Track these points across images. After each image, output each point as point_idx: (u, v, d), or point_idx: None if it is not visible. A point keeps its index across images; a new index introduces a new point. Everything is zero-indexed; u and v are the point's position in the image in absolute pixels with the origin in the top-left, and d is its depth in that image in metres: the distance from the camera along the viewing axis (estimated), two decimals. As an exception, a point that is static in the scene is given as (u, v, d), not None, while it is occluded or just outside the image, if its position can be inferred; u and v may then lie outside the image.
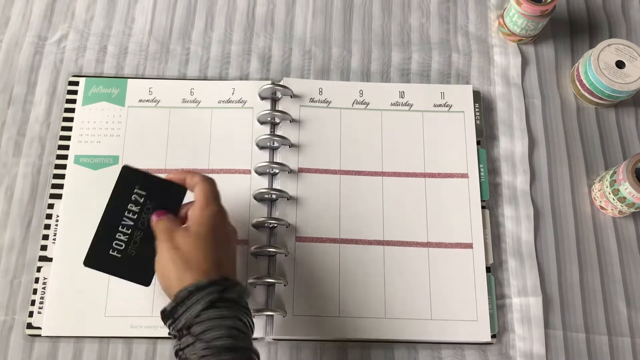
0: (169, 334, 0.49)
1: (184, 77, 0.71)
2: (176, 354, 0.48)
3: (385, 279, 0.62)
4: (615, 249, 0.66)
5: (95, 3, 0.74)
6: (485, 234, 0.64)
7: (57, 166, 0.65)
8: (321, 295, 0.61)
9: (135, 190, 0.54)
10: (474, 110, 0.69)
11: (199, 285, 0.48)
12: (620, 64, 0.67)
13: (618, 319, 0.63)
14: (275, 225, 0.63)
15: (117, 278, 0.53)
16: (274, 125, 0.68)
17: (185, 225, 0.53)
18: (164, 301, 0.49)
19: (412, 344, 0.61)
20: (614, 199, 0.63)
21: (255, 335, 0.59)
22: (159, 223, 0.53)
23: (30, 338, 0.60)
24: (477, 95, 0.70)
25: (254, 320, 0.59)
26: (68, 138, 0.67)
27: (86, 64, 0.71)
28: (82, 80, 0.69)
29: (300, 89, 0.69)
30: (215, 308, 0.48)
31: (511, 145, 0.69)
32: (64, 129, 0.67)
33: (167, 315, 0.49)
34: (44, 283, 0.61)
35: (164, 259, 0.51)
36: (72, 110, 0.68)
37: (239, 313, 0.49)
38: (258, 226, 0.63)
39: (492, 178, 0.68)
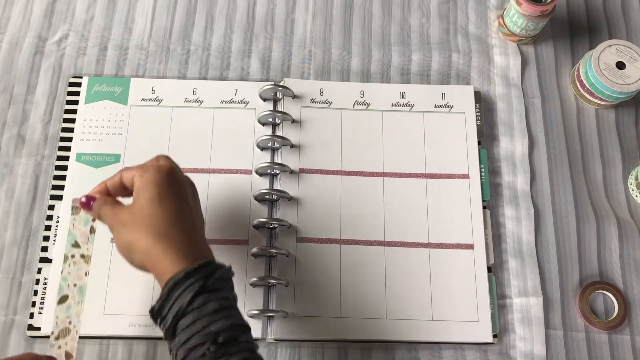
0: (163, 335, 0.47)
1: (184, 78, 0.71)
2: (170, 352, 0.46)
3: (386, 279, 0.62)
4: (616, 249, 0.66)
5: (95, 3, 0.74)
6: (486, 235, 0.64)
7: (58, 167, 0.65)
8: (322, 295, 0.61)
9: None
10: (475, 110, 0.69)
11: (177, 279, 0.45)
12: (620, 65, 0.68)
13: (618, 319, 0.63)
14: (276, 226, 0.63)
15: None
16: (275, 126, 0.68)
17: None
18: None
19: (413, 344, 0.61)
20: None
21: (255, 335, 0.60)
22: (98, 211, 0.52)
23: (30, 339, 0.59)
24: (477, 95, 0.70)
25: (255, 321, 0.59)
26: (70, 138, 0.67)
27: (86, 64, 0.71)
28: (85, 78, 0.69)
29: (301, 89, 0.69)
30: (202, 295, 0.45)
31: (511, 145, 0.69)
32: (65, 129, 0.67)
33: (155, 315, 0.47)
34: (45, 284, 0.61)
35: (119, 243, 0.49)
36: (74, 112, 0.68)
37: (224, 293, 0.47)
38: (259, 227, 0.63)
39: (493, 178, 0.68)
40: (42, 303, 0.60)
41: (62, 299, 0.54)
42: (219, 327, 0.44)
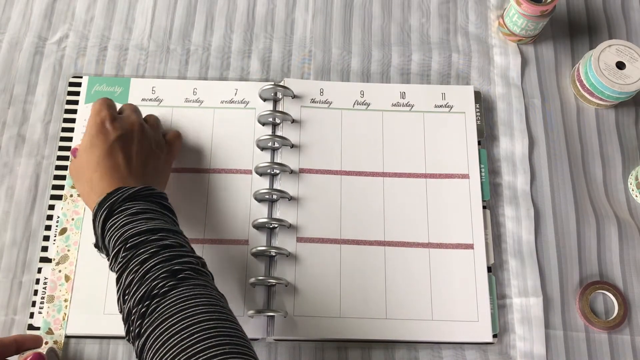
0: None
1: (184, 78, 0.71)
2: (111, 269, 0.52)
3: (386, 279, 0.62)
4: (616, 249, 0.66)
5: (95, 3, 0.74)
6: (486, 234, 0.64)
7: (58, 167, 0.65)
8: (322, 295, 0.61)
9: None
10: (475, 110, 0.69)
11: (95, 211, 0.52)
12: (620, 65, 0.68)
13: (618, 319, 0.63)
14: (276, 225, 0.63)
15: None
16: (275, 126, 0.68)
17: None
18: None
19: (413, 344, 0.61)
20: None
21: (256, 335, 0.60)
22: None
23: (30, 339, 0.60)
24: (477, 95, 0.70)
25: (255, 321, 0.59)
26: (70, 138, 0.67)
27: (86, 64, 0.71)
28: (85, 78, 0.69)
29: (301, 89, 0.69)
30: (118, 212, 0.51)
31: (511, 145, 0.69)
32: (65, 129, 0.67)
33: (97, 248, 0.54)
34: (45, 284, 0.61)
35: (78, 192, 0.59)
36: (75, 112, 0.68)
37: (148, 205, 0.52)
38: (259, 227, 0.63)
39: (493, 178, 0.68)
40: (42, 303, 0.60)
41: (62, 231, 0.63)
42: (125, 236, 0.49)
